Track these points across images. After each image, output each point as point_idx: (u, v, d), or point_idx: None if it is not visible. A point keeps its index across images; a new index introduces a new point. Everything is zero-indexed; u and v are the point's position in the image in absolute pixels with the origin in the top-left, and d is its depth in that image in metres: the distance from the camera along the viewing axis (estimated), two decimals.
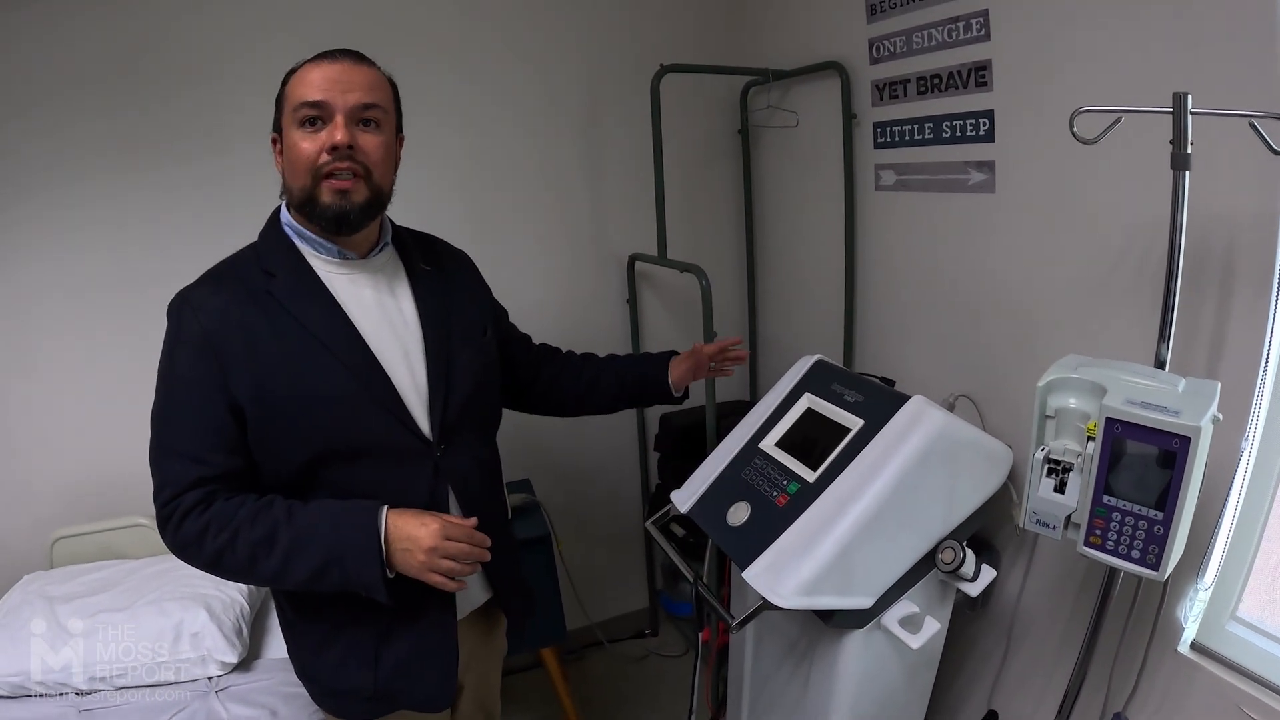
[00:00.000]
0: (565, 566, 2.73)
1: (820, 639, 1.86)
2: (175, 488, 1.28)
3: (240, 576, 1.33)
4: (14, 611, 2.12)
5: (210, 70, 2.36)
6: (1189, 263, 1.43)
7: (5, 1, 2.14)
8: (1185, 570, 1.61)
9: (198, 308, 1.32)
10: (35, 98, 2.22)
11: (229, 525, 1.27)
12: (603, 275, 3.02)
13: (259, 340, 1.31)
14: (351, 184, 1.33)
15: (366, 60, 1.38)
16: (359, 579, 1.28)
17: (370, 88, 1.35)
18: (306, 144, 1.31)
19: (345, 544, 1.28)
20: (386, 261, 1.50)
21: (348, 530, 1.29)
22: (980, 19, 1.95)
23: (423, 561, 1.29)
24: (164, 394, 1.33)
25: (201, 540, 1.26)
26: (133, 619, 2.07)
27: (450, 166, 2.68)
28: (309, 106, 1.30)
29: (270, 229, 1.44)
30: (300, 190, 1.34)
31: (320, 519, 1.30)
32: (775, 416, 1.99)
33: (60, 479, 2.47)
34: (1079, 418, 1.46)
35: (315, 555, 1.27)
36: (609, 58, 2.85)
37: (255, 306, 1.33)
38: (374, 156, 1.35)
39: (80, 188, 2.30)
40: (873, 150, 2.42)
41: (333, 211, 1.33)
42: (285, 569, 1.28)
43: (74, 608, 2.12)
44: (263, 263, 1.38)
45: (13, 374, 2.36)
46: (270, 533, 1.27)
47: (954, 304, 2.21)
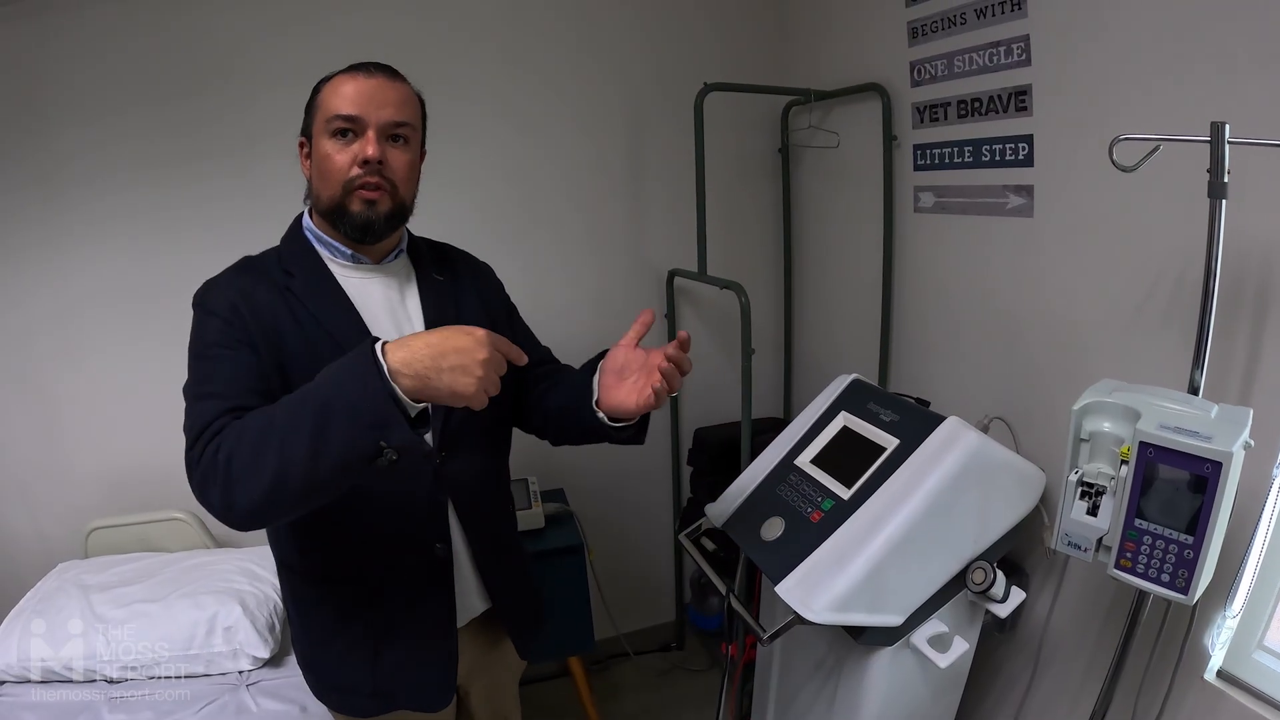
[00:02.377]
0: (596, 577, 2.75)
1: (848, 656, 1.87)
2: (203, 423, 1.17)
3: (252, 485, 1.09)
4: (48, 599, 2.18)
5: (259, 80, 2.44)
6: (1224, 290, 1.44)
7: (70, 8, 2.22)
8: (1213, 597, 1.60)
9: (224, 287, 1.36)
10: (99, 112, 2.33)
11: (236, 429, 1.13)
12: (642, 289, 3.05)
13: (279, 321, 1.34)
14: (378, 195, 1.37)
15: (400, 77, 1.41)
16: (369, 405, 1.05)
17: (402, 105, 1.38)
18: (339, 156, 1.35)
19: (341, 378, 1.08)
20: (400, 268, 1.53)
21: (343, 364, 1.10)
22: (1021, 44, 1.96)
23: (481, 377, 1.10)
24: (195, 362, 1.29)
25: (216, 458, 1.11)
26: (167, 610, 2.12)
27: (495, 179, 2.73)
28: (343, 119, 1.33)
29: (292, 233, 1.49)
30: (329, 199, 1.37)
31: (319, 375, 1.12)
32: (811, 433, 2.01)
33: (100, 469, 2.54)
34: (1113, 441, 1.46)
35: (313, 400, 1.08)
36: (654, 76, 2.89)
37: (276, 294, 1.37)
38: (401, 173, 1.39)
39: (130, 194, 2.41)
40: (912, 172, 2.44)
41: (360, 220, 1.37)
42: (288, 441, 1.07)
43: (109, 597, 2.16)
44: (283, 263, 1.42)
45: (60, 365, 2.45)
46: (271, 411, 1.12)
47: (990, 326, 2.21)
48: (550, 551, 2.52)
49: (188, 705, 1.99)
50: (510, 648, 1.71)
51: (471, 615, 1.59)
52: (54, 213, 2.36)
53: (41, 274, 2.39)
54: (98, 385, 2.48)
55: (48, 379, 2.45)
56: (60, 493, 2.52)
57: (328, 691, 1.56)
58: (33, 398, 2.46)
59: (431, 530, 1.47)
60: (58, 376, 2.46)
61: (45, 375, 2.45)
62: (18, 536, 2.52)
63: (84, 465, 2.53)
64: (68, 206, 2.37)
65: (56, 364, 2.45)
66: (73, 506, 2.52)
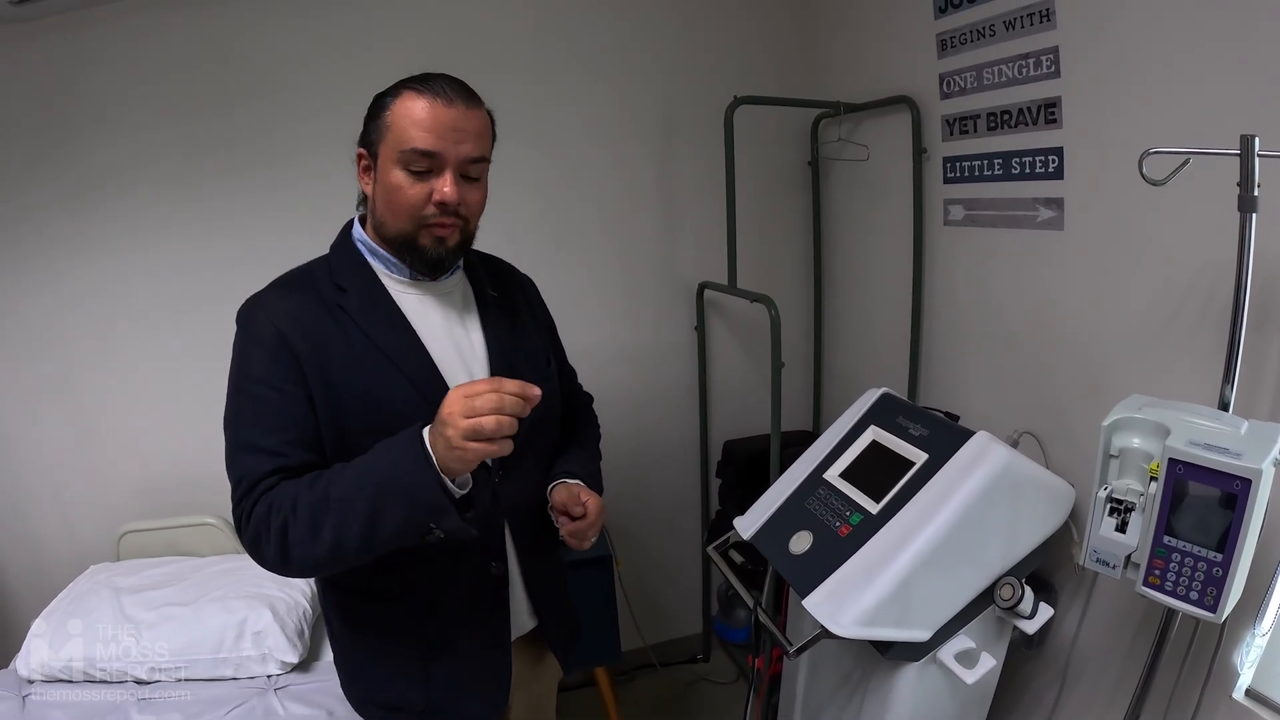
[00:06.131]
0: (623, 587, 2.75)
1: (875, 670, 1.86)
2: (251, 480, 1.22)
3: (308, 551, 1.17)
4: (80, 600, 2.21)
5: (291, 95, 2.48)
6: (1254, 305, 1.43)
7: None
8: (1242, 616, 1.57)
9: (270, 310, 1.32)
10: (135, 126, 2.38)
11: (289, 496, 1.18)
12: (672, 301, 3.06)
13: (330, 344, 1.31)
14: (450, 232, 1.34)
15: (476, 101, 1.33)
16: (422, 496, 1.12)
17: (480, 137, 1.32)
18: (412, 190, 1.29)
19: (395, 463, 1.15)
20: (456, 284, 1.49)
21: (394, 449, 1.16)
22: (1050, 56, 1.96)
23: (459, 428, 1.08)
24: (238, 396, 1.29)
25: (268, 520, 1.18)
26: (197, 614, 2.14)
27: (526, 189, 2.74)
28: (421, 156, 1.27)
29: (341, 243, 1.44)
30: (398, 231, 1.33)
31: (368, 454, 1.19)
32: (840, 447, 2.00)
33: (133, 473, 2.58)
34: (1142, 458, 1.46)
35: (369, 486, 1.15)
36: (684, 88, 2.90)
37: (327, 314, 1.33)
38: (475, 209, 1.37)
39: (165, 207, 2.45)
40: (942, 185, 2.43)
41: (431, 256, 1.34)
42: (345, 519, 1.14)
43: (139, 600, 2.19)
44: (335, 276, 1.38)
45: (95, 372, 2.50)
46: (325, 486, 1.18)
47: (1020, 341, 2.20)
48: (578, 562, 2.52)
49: (215, 708, 2.00)
50: (551, 662, 1.71)
51: (521, 633, 1.56)
52: (91, 224, 2.41)
53: (79, 284, 2.44)
54: (132, 392, 2.53)
55: (83, 386, 2.50)
56: (93, 496, 2.57)
57: (372, 706, 1.54)
58: (69, 404, 2.51)
59: (488, 550, 1.45)
60: (93, 384, 2.51)
61: (81, 382, 2.50)
62: (50, 538, 2.57)
63: (117, 469, 2.57)
64: (104, 219, 2.41)
65: (92, 372, 2.50)
66: (105, 510, 2.56)
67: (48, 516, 2.57)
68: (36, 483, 2.54)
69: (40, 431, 2.51)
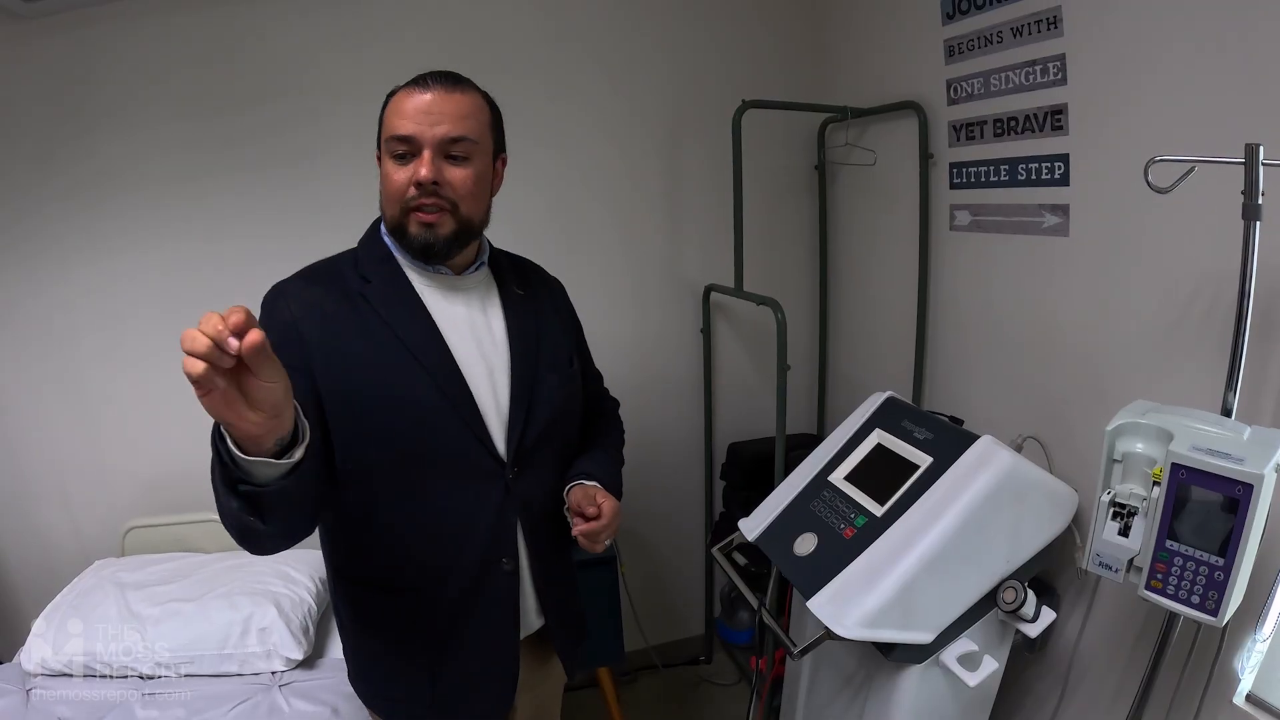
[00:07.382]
0: (626, 589, 2.76)
1: (877, 672, 1.87)
2: None
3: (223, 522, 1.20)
4: (85, 595, 2.21)
5: (304, 94, 2.49)
6: (1258, 312, 1.44)
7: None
8: (1244, 620, 1.58)
9: (291, 298, 1.35)
10: (146, 122, 2.39)
11: None
12: (677, 304, 3.07)
13: (347, 336, 1.33)
14: (437, 217, 1.33)
15: (461, 84, 1.35)
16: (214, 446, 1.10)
17: (460, 118, 1.32)
18: (396, 176, 1.32)
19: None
20: (481, 281, 1.50)
21: None
22: (1057, 63, 1.97)
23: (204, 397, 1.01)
24: None
25: None
26: (202, 610, 2.14)
27: (536, 190, 2.75)
28: (399, 141, 1.30)
29: (370, 237, 1.46)
30: (391, 218, 1.36)
31: None
32: (845, 450, 2.02)
33: (138, 470, 2.59)
34: (1145, 462, 1.47)
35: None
36: (691, 93, 2.91)
37: (348, 305, 1.35)
38: (461, 190, 1.34)
39: (176, 204, 2.46)
40: (948, 190, 2.44)
41: (419, 243, 1.35)
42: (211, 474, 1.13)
43: (144, 595, 2.20)
44: (360, 268, 1.40)
45: (103, 368, 2.51)
46: None
47: (1024, 346, 2.21)
48: (582, 563, 2.49)
49: (220, 704, 2.01)
50: (557, 664, 1.70)
51: (529, 631, 1.56)
52: (99, 220, 2.42)
53: (88, 279, 2.44)
54: (139, 388, 2.53)
55: (90, 381, 2.51)
56: (99, 492, 2.58)
57: (380, 700, 1.55)
58: (75, 399, 2.52)
59: (500, 546, 1.45)
60: (100, 379, 2.52)
61: (88, 377, 2.51)
62: (56, 534, 2.58)
63: (122, 466, 2.58)
64: (113, 215, 2.42)
65: (100, 367, 2.51)
66: (110, 505, 2.57)
67: (53, 512, 2.58)
68: (42, 478, 2.55)
69: (47, 427, 2.52)
